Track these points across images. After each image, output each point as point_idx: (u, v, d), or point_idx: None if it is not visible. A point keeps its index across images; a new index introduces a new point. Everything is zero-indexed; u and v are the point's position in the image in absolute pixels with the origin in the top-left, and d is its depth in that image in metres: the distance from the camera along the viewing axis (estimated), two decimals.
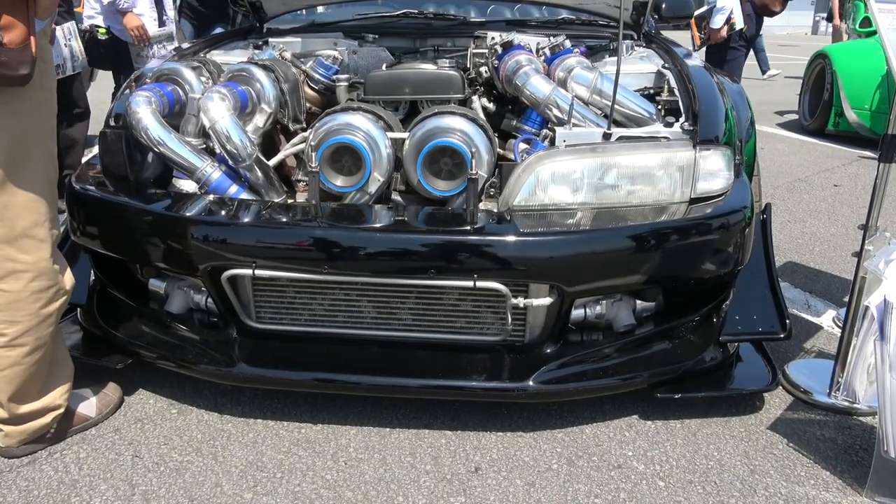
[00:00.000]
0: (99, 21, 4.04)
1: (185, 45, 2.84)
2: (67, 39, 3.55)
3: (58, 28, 3.47)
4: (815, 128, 6.25)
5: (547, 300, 1.89)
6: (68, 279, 1.84)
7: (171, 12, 4.11)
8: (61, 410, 1.88)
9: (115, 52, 4.06)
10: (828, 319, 2.70)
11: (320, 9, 3.28)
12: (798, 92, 6.82)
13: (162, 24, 4.08)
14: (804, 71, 6.64)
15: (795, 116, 6.94)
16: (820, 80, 6.23)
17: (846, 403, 2.08)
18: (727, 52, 5.19)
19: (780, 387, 2.18)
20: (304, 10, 3.29)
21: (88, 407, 1.99)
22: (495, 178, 2.11)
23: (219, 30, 5.03)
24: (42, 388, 1.83)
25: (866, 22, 6.16)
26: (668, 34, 3.18)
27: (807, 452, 1.91)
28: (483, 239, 1.84)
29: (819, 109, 6.19)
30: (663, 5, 3.11)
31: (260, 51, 2.71)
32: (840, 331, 2.51)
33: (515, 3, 3.26)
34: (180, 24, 4.71)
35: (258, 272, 1.88)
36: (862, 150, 5.66)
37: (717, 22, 4.77)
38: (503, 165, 2.10)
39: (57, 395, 1.86)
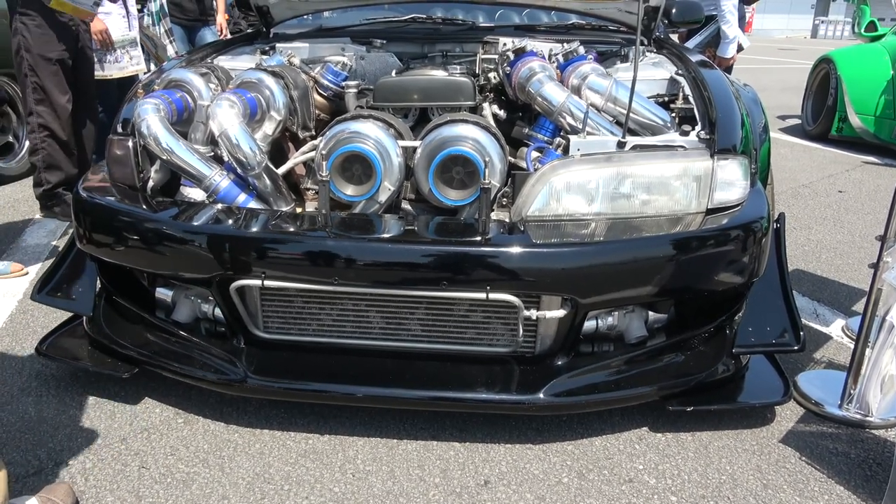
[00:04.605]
0: None
1: (192, 51, 2.81)
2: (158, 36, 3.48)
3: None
4: (818, 133, 6.23)
5: (560, 312, 1.87)
6: None
7: (132, 9, 3.97)
8: None
9: None
10: (836, 329, 2.67)
11: (327, 13, 3.26)
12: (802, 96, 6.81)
13: (129, 25, 3.93)
14: (808, 75, 6.62)
15: (798, 121, 6.93)
16: (824, 84, 6.21)
17: (859, 416, 2.06)
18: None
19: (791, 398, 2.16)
20: (310, 15, 3.26)
21: None
22: (508, 187, 2.09)
23: (206, 30, 5.03)
24: None
25: (871, 26, 6.14)
26: None
27: (820, 466, 1.89)
28: (496, 250, 1.82)
29: (823, 114, 6.17)
30: (673, 10, 3.08)
31: (267, 56, 2.68)
32: (850, 341, 2.50)
33: (524, 8, 3.24)
34: (171, 30, 4.67)
35: (267, 283, 1.85)
36: (866, 156, 5.65)
37: (730, 52, 4.70)
38: (516, 175, 2.07)
39: None
